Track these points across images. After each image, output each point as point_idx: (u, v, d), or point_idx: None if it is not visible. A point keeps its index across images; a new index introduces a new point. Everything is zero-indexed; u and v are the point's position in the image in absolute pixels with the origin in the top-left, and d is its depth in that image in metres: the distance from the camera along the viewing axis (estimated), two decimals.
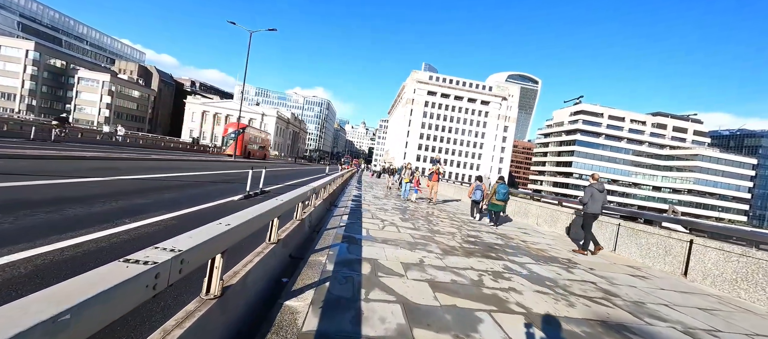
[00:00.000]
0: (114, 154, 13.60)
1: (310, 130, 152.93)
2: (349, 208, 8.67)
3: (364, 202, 10.52)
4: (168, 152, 24.50)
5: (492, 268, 4.64)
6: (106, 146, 18.99)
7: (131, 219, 4.74)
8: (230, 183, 10.81)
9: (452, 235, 6.72)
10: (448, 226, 7.86)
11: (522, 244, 6.90)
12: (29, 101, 71.08)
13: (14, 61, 68.57)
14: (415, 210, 10.13)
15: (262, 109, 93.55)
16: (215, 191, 8.63)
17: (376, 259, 4.32)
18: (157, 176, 9.71)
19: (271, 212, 3.24)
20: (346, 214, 7.46)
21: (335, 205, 9.16)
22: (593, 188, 6.71)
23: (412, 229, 6.76)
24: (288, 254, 4.12)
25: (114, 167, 10.20)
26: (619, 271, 5.58)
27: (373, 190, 16.02)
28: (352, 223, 6.59)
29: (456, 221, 9.04)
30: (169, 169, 12.13)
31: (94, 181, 7.42)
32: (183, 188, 8.29)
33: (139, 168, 11.17)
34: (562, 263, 5.57)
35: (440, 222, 8.38)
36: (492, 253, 5.56)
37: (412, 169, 13.34)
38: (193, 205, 6.29)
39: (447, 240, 6.19)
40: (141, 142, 28.59)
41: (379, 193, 14.68)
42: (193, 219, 5.39)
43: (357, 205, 9.36)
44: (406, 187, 12.82)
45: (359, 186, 17.60)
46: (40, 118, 50.17)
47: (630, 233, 6.96)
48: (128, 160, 13.09)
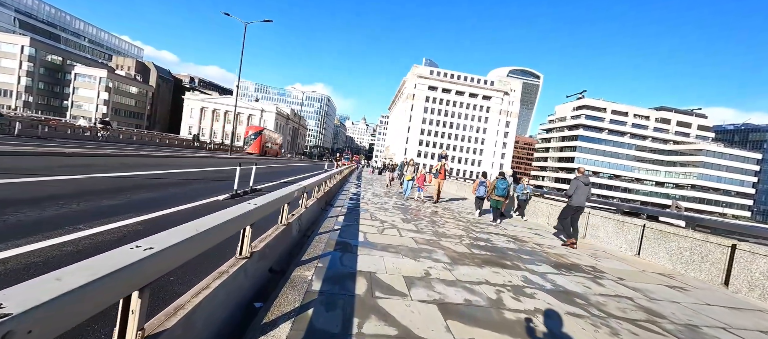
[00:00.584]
0: (98, 151, 12.92)
1: (310, 126, 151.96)
2: (346, 207, 7.98)
3: (362, 200, 9.83)
4: (163, 148, 23.82)
5: (510, 281, 3.95)
6: (92, 143, 18.30)
7: (88, 225, 4.06)
8: (220, 181, 10.13)
9: (460, 239, 6.02)
10: (455, 228, 7.17)
11: (537, 247, 6.21)
12: (26, 98, 70.32)
13: (10, 57, 67.72)
14: (417, 209, 9.44)
15: (261, 105, 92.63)
16: (201, 190, 7.95)
17: (373, 272, 3.63)
18: (140, 174, 9.03)
19: (240, 220, 2.55)
20: (342, 215, 6.77)
21: (331, 204, 8.47)
22: (579, 181, 6.80)
23: (415, 232, 6.07)
24: (268, 267, 3.44)
25: (92, 164, 9.51)
26: (652, 280, 4.89)
27: (372, 188, 15.33)
28: (349, 225, 5.91)
29: (462, 221, 8.35)
30: (157, 166, 11.45)
31: (60, 179, 6.73)
32: (165, 187, 7.61)
33: (124, 165, 10.49)
34: (587, 272, 4.87)
35: (446, 223, 7.68)
36: (507, 261, 4.87)
37: (415, 164, 12.30)
38: (170, 207, 5.60)
39: (454, 244, 5.50)
40: (134, 138, 27.89)
41: (379, 191, 13.99)
42: (164, 223, 4.70)
43: (355, 204, 8.67)
44: (408, 184, 11.89)
45: (359, 183, 16.92)
46: (31, 114, 49.48)
47: (657, 236, 6.26)
48: (113, 157, 12.40)
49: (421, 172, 12.26)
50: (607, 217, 7.52)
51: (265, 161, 27.43)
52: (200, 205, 6.24)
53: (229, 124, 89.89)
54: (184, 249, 1.69)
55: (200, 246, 1.90)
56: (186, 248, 1.71)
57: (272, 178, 13.84)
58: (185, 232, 1.77)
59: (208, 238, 1.98)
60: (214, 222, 2.11)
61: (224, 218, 2.27)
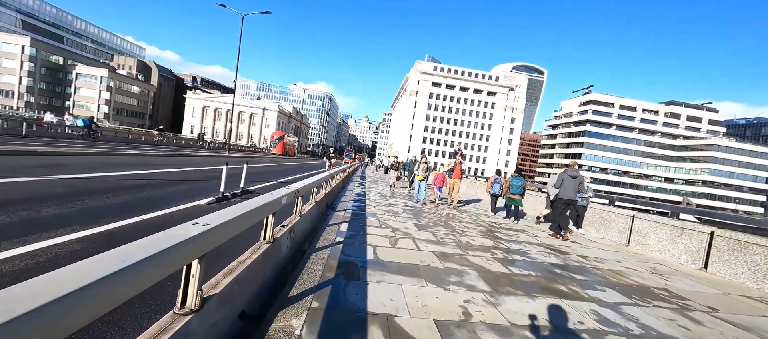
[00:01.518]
0: (78, 150, 11.94)
1: (313, 124, 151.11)
2: (350, 211, 6.89)
3: (368, 202, 8.73)
4: (158, 147, 22.88)
5: (580, 322, 2.83)
6: (78, 142, 17.38)
7: (14, 243, 3.00)
8: (210, 181, 9.08)
9: (490, 252, 4.91)
10: (479, 236, 6.05)
11: (585, 262, 5.07)
12: (28, 98, 70.04)
13: (10, 57, 67.36)
14: (430, 213, 8.32)
15: (263, 104, 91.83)
16: (183, 192, 6.90)
17: (391, 314, 2.53)
18: (119, 175, 8.00)
19: (170, 258, 1.46)
20: (345, 222, 5.68)
21: (333, 207, 7.39)
22: (565, 174, 6.82)
23: (434, 244, 4.97)
24: (237, 314, 2.35)
25: (66, 164, 8.50)
26: (753, 311, 3.74)
27: (378, 187, 14.23)
28: (354, 236, 4.82)
29: (483, 226, 7.22)
30: (143, 166, 10.44)
31: (11, 182, 5.70)
32: (142, 189, 6.57)
33: (105, 164, 9.48)
34: (666, 300, 3.74)
35: (467, 230, 6.56)
36: (560, 286, 3.75)
37: (428, 162, 10.28)
38: (131, 216, 4.54)
39: (487, 261, 4.39)
40: (130, 136, 26.98)
41: (385, 190, 12.89)
42: (122, 236, 3.64)
43: (360, 207, 7.58)
44: (420, 186, 9.92)
45: (363, 182, 15.83)
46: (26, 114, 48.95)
47: (733, 246, 5.09)
48: (95, 156, 11.42)
49: (441, 171, 10.53)
50: (659, 221, 6.35)
51: (267, 159, 26.48)
52: (176, 211, 5.18)
53: (231, 122, 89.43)
54: None
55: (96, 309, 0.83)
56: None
57: (271, 176, 12.80)
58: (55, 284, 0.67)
59: (107, 287, 0.91)
60: (112, 263, 1.02)
61: (134, 258, 1.18)
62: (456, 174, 9.90)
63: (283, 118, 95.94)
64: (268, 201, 2.94)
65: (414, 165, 13.12)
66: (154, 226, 4.30)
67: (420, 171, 10.06)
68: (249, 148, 53.68)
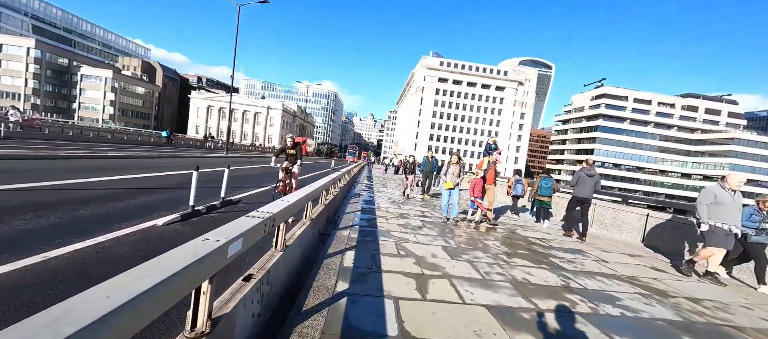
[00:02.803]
0: (50, 153, 10.65)
1: (318, 123, 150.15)
2: (356, 227, 5.36)
3: (378, 213, 7.19)
4: (145, 148, 21.65)
5: None
6: (45, 142, 16.18)
7: None
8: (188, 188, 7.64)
9: (566, 300, 3.32)
10: (531, 263, 4.46)
11: (709, 314, 3.45)
12: (34, 100, 70.14)
13: (16, 59, 67.46)
14: (460, 230, 6.73)
15: (267, 103, 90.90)
16: (151, 204, 5.48)
17: None
18: (72, 182, 6.60)
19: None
20: (351, 248, 4.15)
21: (335, 222, 5.87)
22: (582, 172, 6.62)
23: (480, 285, 3.39)
24: None
25: (10, 169, 7.14)
26: None
27: (387, 190, 12.67)
28: (363, 277, 3.27)
29: (526, 243, 5.63)
30: (115, 170, 9.06)
31: None
32: (95, 202, 5.13)
33: (67, 169, 8.12)
34: None
35: (510, 252, 4.97)
36: None
37: (462, 162, 7.42)
38: (53, 245, 3.08)
39: (570, 321, 2.81)
40: (124, 137, 25.79)
41: (395, 194, 11.33)
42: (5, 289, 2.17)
43: (370, 222, 6.04)
44: (451, 197, 6.96)
45: (370, 185, 14.29)
46: None
47: None
48: (59, 159, 10.08)
49: (476, 175, 7.21)
50: None
51: (267, 160, 25.10)
52: (114, 238, 3.70)
53: (236, 121, 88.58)
54: None
55: None
56: None
57: (266, 179, 11.34)
58: None
59: None
60: None
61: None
62: (490, 177, 7.30)
63: (287, 117, 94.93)
64: (192, 260, 1.39)
65: (433, 165, 11.19)
66: (72, 265, 2.82)
67: (449, 175, 7.00)
68: (249, 148, 52.38)
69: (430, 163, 11.52)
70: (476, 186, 7.02)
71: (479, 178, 7.07)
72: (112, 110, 75.18)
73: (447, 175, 7.09)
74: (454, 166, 7.07)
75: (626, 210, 8.04)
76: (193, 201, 5.05)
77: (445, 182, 7.11)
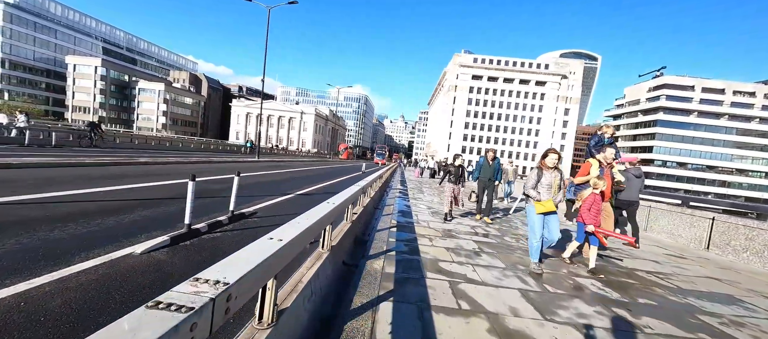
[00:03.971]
0: (71, 160, 10.64)
1: (349, 126, 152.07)
2: (392, 256, 3.97)
3: (418, 229, 5.76)
4: (189, 155, 22.17)
5: None
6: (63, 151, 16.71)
7: None
8: (201, 198, 6.82)
9: None
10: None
11: None
12: (101, 113, 78.60)
13: (86, 77, 76.08)
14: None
15: (300, 108, 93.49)
16: (148, 220, 4.62)
17: None
18: (82, 192, 6.01)
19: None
20: (387, 296, 2.78)
21: (365, 244, 4.55)
22: (628, 173, 5.77)
23: None
24: None
25: (14, 179, 6.78)
26: None
27: (424, 197, 11.18)
28: None
29: (661, 289, 3.85)
30: (137, 178, 8.61)
31: None
32: (83, 218, 4.34)
33: (81, 177, 7.74)
34: None
35: (641, 312, 3.29)
36: None
37: (560, 171, 4.19)
38: None
39: None
40: (136, 142, 26.32)
41: (435, 203, 9.80)
42: None
43: (408, 246, 4.63)
44: (548, 227, 4.14)
45: (405, 191, 12.87)
46: None
47: None
48: (88, 166, 9.94)
49: (593, 189, 4.39)
50: None
51: (296, 165, 24.85)
52: (49, 283, 2.70)
53: (272, 127, 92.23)
54: None
55: None
56: None
57: (289, 186, 10.41)
58: None
59: None
60: None
61: None
62: (607, 193, 4.79)
63: (320, 122, 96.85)
64: None
65: (495, 170, 7.30)
66: None
67: (543, 188, 4.11)
68: (280, 151, 53.31)
69: (489, 166, 7.27)
70: (593, 207, 4.26)
71: (597, 193, 4.34)
72: (164, 120, 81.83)
73: (538, 187, 4.12)
74: (549, 171, 4.11)
75: (688, 213, 7.27)
76: (189, 218, 4.02)
77: (537, 202, 4.07)
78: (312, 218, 2.41)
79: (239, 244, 4.11)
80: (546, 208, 4.01)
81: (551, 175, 4.13)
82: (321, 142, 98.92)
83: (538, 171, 4.19)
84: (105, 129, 24.34)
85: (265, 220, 5.53)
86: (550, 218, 4.14)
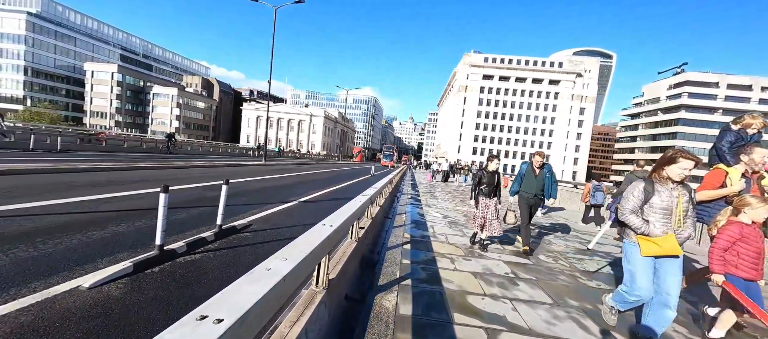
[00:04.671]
0: (63, 165, 10.23)
1: (358, 128, 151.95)
2: (408, 288, 3.17)
3: (436, 246, 4.94)
4: (197, 158, 21.89)
5: None
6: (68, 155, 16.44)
7: None
8: (190, 208, 6.18)
9: None
10: None
11: None
12: (117, 118, 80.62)
13: (103, 83, 78.19)
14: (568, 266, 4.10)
15: (310, 110, 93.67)
16: (115, 237, 3.95)
17: None
18: (55, 203, 5.45)
19: None
20: None
21: (374, 266, 3.76)
22: (634, 175, 5.63)
23: None
24: None
25: None
26: None
27: (438, 203, 10.31)
28: None
29: None
30: (130, 184, 8.08)
31: None
32: (43, 234, 3.71)
33: (63, 184, 7.23)
34: None
35: None
36: None
37: (685, 180, 2.43)
38: None
39: None
40: (144, 145, 26.37)
41: (450, 210, 8.93)
42: None
43: (427, 272, 3.81)
44: (662, 278, 2.45)
45: (416, 196, 12.02)
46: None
47: None
48: (75, 172, 9.49)
49: (738, 210, 2.70)
50: None
51: (305, 167, 24.31)
52: None
53: (282, 130, 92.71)
54: None
55: None
56: None
57: (294, 192, 9.72)
58: None
59: None
60: None
61: None
62: (757, 219, 2.63)
63: (329, 124, 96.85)
64: None
65: (549, 181, 4.89)
66: None
67: (657, 217, 2.45)
68: (288, 154, 53.10)
69: (536, 177, 4.92)
70: (751, 247, 2.57)
71: (746, 222, 2.64)
72: (177, 123, 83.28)
73: (647, 212, 2.51)
74: (666, 185, 2.49)
75: None
76: (161, 238, 3.32)
77: (642, 237, 2.49)
78: (302, 251, 1.63)
79: (221, 271, 3.39)
80: (662, 249, 2.37)
81: (671, 192, 2.43)
82: (330, 144, 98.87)
83: (644, 184, 2.52)
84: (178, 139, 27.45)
85: (259, 234, 4.81)
86: (668, 266, 2.43)
